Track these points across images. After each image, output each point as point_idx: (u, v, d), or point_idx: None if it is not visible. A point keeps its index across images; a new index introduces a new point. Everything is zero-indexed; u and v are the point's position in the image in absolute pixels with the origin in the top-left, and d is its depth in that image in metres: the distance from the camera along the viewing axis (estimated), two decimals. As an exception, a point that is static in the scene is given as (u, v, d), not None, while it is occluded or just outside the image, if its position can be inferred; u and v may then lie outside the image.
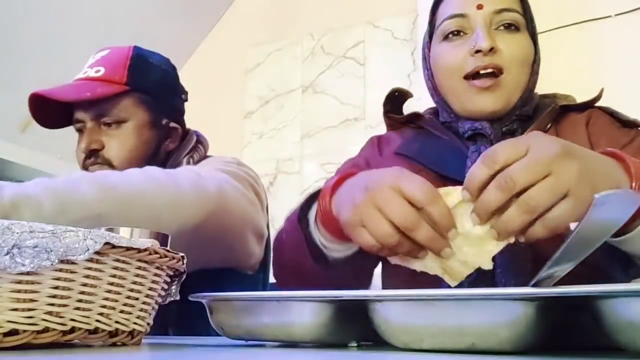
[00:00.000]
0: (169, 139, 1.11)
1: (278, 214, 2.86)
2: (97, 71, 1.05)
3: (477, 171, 0.54)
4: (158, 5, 2.80)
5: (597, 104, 0.89)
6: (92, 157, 1.04)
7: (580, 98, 0.91)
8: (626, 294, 0.39)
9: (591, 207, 0.41)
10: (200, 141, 1.16)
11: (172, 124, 1.11)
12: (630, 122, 0.84)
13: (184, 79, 1.23)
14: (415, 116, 0.94)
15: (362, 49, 2.70)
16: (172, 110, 1.12)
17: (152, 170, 0.91)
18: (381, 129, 1.02)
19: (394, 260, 0.61)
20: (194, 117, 1.27)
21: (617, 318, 0.39)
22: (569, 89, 0.94)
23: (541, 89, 0.92)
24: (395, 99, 0.98)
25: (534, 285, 0.46)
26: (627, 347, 0.39)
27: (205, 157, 1.14)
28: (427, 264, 0.58)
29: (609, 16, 2.24)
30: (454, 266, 0.57)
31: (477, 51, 0.81)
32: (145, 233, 0.60)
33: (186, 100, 1.18)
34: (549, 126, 0.86)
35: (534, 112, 0.87)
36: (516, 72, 0.83)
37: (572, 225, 0.46)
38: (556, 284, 0.43)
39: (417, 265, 0.59)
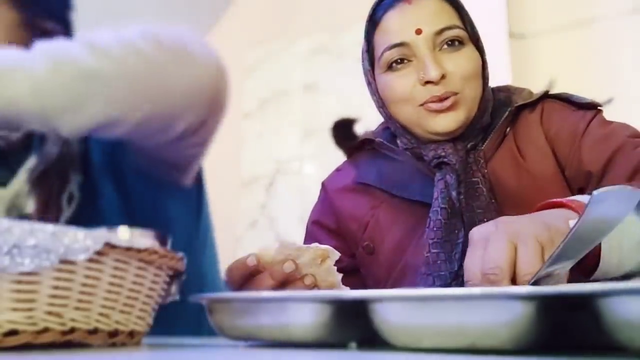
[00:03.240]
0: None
1: (278, 214, 2.85)
2: None
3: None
4: (158, 5, 2.81)
5: (551, 93, 0.87)
6: None
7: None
8: (626, 293, 0.39)
9: (588, 204, 0.41)
10: None
11: (51, 24, 0.99)
12: (585, 104, 0.83)
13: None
14: (367, 141, 0.93)
15: (362, 48, 2.70)
16: (50, 9, 1.01)
17: (154, 27, 0.86)
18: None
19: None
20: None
21: (617, 317, 0.39)
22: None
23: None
24: (344, 127, 0.98)
25: (534, 285, 0.46)
26: (627, 346, 0.39)
27: None
28: None
29: (609, 16, 2.24)
30: None
31: (428, 82, 0.79)
32: (145, 233, 0.60)
33: None
34: (508, 130, 0.85)
35: (492, 117, 0.86)
36: (471, 88, 0.81)
37: (571, 223, 0.46)
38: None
39: None
